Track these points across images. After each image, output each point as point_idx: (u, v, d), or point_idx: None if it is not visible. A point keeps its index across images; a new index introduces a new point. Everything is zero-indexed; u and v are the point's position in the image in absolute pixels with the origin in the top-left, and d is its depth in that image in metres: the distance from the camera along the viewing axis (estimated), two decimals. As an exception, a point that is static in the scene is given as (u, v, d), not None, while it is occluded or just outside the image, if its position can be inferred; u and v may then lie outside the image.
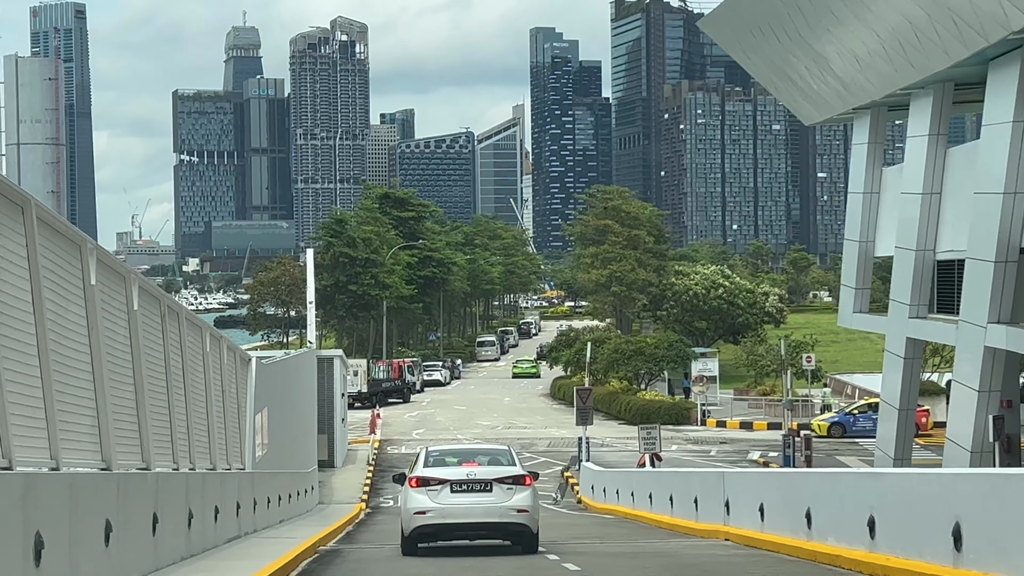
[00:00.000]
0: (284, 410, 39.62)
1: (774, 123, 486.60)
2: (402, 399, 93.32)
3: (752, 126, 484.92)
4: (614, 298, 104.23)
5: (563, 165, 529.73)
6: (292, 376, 42.95)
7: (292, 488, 38.69)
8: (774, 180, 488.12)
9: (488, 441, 66.45)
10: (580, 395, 55.75)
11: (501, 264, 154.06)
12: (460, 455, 23.83)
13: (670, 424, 72.93)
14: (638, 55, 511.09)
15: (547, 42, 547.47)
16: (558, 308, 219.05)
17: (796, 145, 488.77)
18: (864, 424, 65.36)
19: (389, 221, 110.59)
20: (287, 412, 40.45)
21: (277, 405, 37.30)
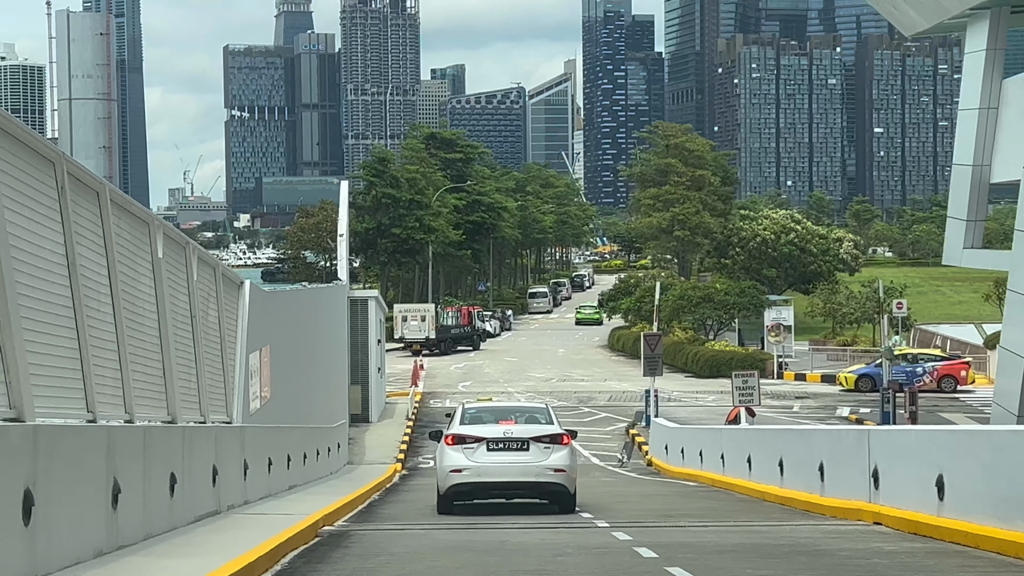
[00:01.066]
0: (298, 352, 32.54)
1: (830, 77, 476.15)
2: (472, 347, 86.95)
3: (807, 80, 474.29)
4: (677, 243, 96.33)
5: (615, 120, 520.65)
6: (310, 313, 35.89)
7: (308, 446, 31.69)
8: (829, 135, 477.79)
9: (541, 395, 59.63)
10: (648, 341, 48.44)
11: (553, 213, 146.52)
12: (497, 413, 23.44)
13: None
14: (692, 8, 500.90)
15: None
16: (611, 262, 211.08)
17: (852, 100, 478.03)
18: (896, 377, 58.08)
19: (436, 163, 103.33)
20: (302, 355, 33.39)
21: (286, 345, 30.22)
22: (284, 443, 27.16)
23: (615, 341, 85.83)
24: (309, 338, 35.45)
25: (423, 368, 72.40)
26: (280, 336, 29.17)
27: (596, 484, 33.71)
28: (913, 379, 59.78)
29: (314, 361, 36.26)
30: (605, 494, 27.88)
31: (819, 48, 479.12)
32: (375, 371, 52.26)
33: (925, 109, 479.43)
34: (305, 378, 34.38)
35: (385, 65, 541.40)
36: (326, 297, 41.38)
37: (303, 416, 33.55)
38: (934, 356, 62.09)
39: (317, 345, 37.28)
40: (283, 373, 29.79)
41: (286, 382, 30.33)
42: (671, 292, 73.89)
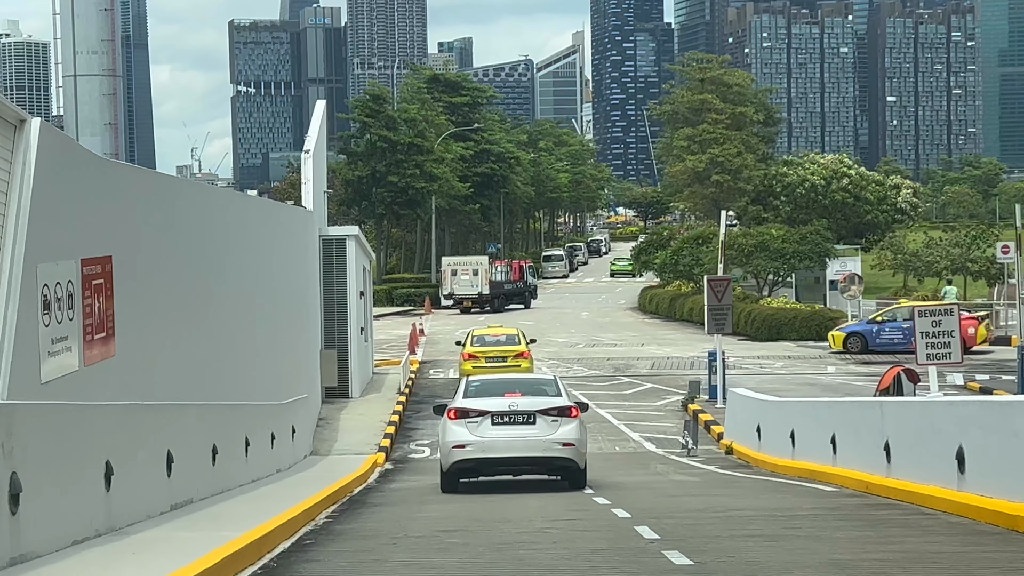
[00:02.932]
0: (203, 286, 20.25)
1: (842, 46, 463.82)
2: (523, 304, 77.93)
3: (819, 49, 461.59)
4: (716, 190, 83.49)
5: (624, 92, 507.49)
6: (237, 231, 23.54)
7: (222, 436, 19.46)
8: (841, 104, 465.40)
9: (567, 363, 47.66)
10: (714, 287, 35.88)
11: (568, 172, 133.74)
12: (503, 385, 21.74)
13: (810, 339, 53.23)
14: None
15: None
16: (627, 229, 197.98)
17: (864, 68, 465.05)
18: (891, 335, 48.07)
19: (439, 107, 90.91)
20: (214, 293, 21.13)
21: (172, 269, 17.93)
22: (146, 434, 14.75)
23: (647, 302, 73.37)
24: (234, 270, 23.13)
25: (423, 333, 60.21)
26: (154, 249, 16.83)
27: (667, 487, 21.69)
28: (910, 338, 48.15)
29: (243, 307, 23.94)
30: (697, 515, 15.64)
31: (830, 16, 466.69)
32: (356, 333, 39.88)
33: (939, 77, 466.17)
34: (222, 330, 22.08)
35: (392, 39, 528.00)
36: (276, 219, 28.94)
37: (216, 387, 21.24)
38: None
39: (251, 284, 24.99)
40: (163, 315, 17.47)
41: (170, 331, 18.02)
42: (716, 242, 61.26)
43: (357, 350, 40.03)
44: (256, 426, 23.10)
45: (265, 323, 26.33)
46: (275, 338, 27.81)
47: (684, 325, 63.49)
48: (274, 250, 28.21)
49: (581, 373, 45.55)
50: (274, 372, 27.64)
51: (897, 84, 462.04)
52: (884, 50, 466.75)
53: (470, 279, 75.31)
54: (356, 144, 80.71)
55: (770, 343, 53.21)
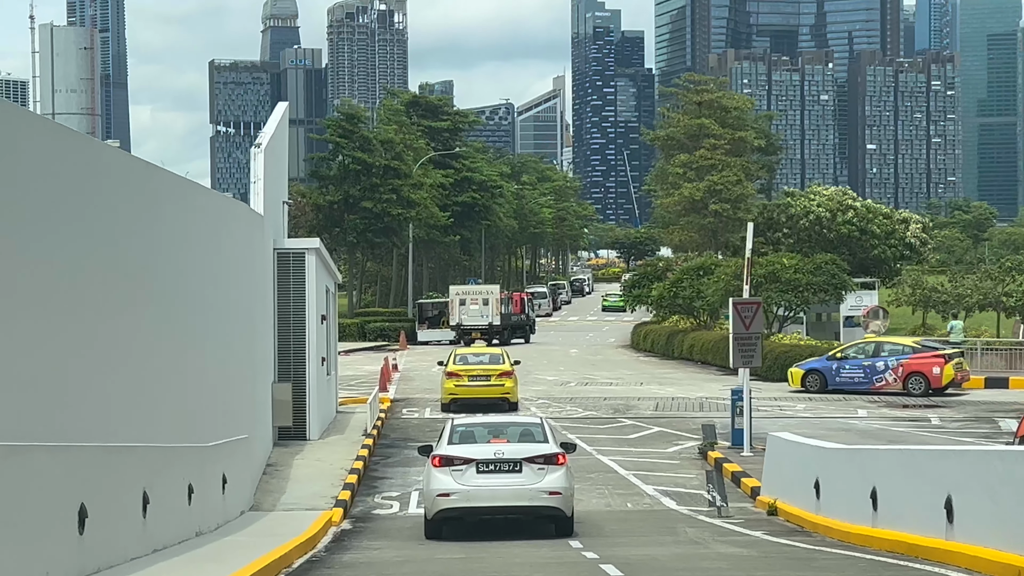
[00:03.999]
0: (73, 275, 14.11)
1: (822, 93, 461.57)
2: (524, 338, 73.80)
3: (799, 96, 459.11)
4: (714, 220, 77.35)
5: (604, 137, 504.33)
6: (140, 211, 17.41)
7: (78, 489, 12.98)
8: (821, 152, 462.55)
9: (559, 403, 41.57)
10: (740, 312, 29.76)
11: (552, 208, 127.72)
12: (489, 429, 21.18)
13: (829, 379, 47.14)
14: (682, 24, 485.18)
15: (589, 11, 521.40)
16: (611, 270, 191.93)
17: (844, 116, 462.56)
18: (852, 374, 44.40)
19: (419, 131, 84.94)
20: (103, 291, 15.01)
21: None
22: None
23: (640, 339, 67.24)
24: (128, 263, 16.94)
25: (397, 368, 54.06)
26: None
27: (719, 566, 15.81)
28: (873, 377, 44.01)
29: (144, 318, 17.73)
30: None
31: (811, 64, 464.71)
32: (316, 363, 33.63)
33: (918, 126, 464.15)
34: (108, 344, 15.87)
35: (372, 80, 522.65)
36: (206, 210, 22.65)
37: (91, 421, 15.05)
38: (901, 346, 45.05)
39: (163, 289, 18.81)
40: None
41: (14, 337, 11.88)
42: (719, 272, 55.37)
43: (317, 384, 33.76)
44: (161, 475, 16.90)
45: (183, 341, 20.11)
46: (201, 363, 21.59)
47: (684, 363, 57.53)
48: (201, 249, 22.04)
49: (576, 414, 39.46)
50: (198, 405, 21.40)
51: (877, 132, 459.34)
52: (864, 98, 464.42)
53: (480, 309, 70.85)
54: (328, 167, 74.65)
55: (782, 383, 47.20)
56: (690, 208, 78.75)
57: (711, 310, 58.19)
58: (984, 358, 47.69)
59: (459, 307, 71.42)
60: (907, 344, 45.72)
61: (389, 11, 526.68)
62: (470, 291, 74.25)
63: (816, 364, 45.66)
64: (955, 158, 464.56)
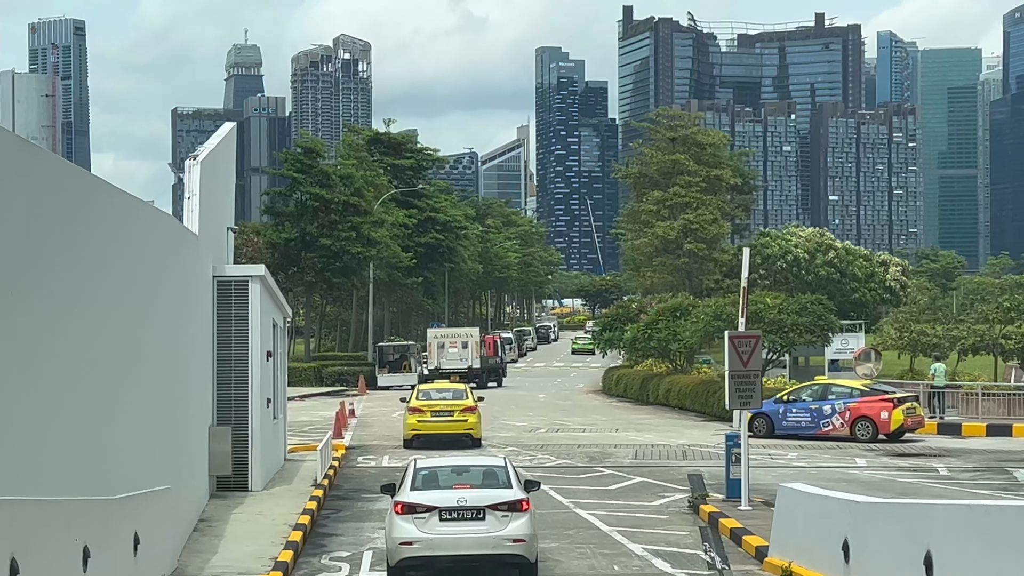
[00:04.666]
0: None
1: (785, 144, 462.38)
2: (497, 382, 71.69)
3: (763, 147, 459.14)
4: (689, 261, 73.79)
5: (568, 186, 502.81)
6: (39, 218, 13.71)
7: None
8: (784, 202, 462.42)
9: (529, 450, 38.00)
10: (737, 347, 26.20)
11: (518, 252, 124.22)
12: (452, 473, 20.68)
13: (820, 426, 43.70)
14: (645, 75, 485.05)
15: (553, 62, 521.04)
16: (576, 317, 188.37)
17: (807, 167, 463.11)
18: (798, 418, 41.61)
19: (382, 168, 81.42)
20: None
21: None
22: None
23: (612, 383, 63.65)
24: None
25: (354, 414, 50.35)
26: None
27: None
28: (820, 421, 41.22)
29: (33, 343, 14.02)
30: None
31: (774, 115, 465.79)
32: (261, 405, 29.90)
33: (880, 177, 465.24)
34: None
35: (336, 129, 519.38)
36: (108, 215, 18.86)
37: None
38: (849, 389, 41.88)
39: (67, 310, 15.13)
40: None
41: None
42: (697, 313, 51.89)
43: (262, 428, 30.00)
44: (43, 535, 13.15)
45: (74, 377, 16.37)
46: (101, 402, 17.85)
47: (660, 409, 53.96)
48: (106, 265, 18.35)
49: (548, 463, 35.82)
50: (99, 452, 17.66)
51: (840, 183, 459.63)
52: (826, 149, 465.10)
53: (459, 352, 69.14)
54: (285, 203, 70.94)
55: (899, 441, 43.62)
56: (663, 248, 75.23)
57: (688, 353, 54.67)
58: (983, 404, 44.31)
59: (437, 350, 69.45)
60: (855, 387, 42.53)
61: (353, 60, 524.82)
62: (448, 334, 72.44)
63: (763, 407, 41.91)
64: (917, 209, 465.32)
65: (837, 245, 72.06)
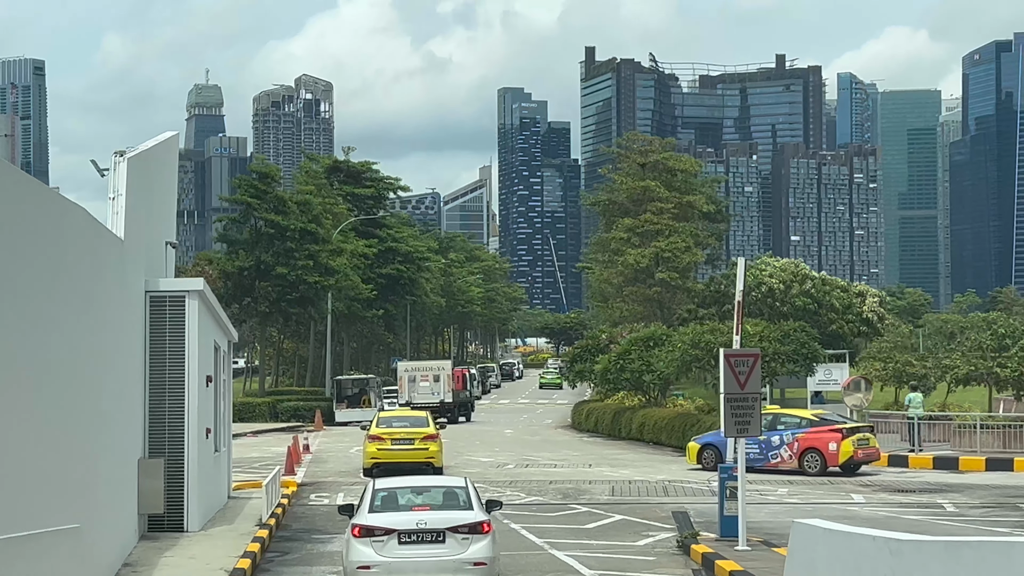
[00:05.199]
0: None
1: (746, 185, 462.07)
2: (466, 416, 70.06)
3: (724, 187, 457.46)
4: (661, 290, 70.75)
5: (530, 227, 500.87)
6: None
7: None
8: (746, 243, 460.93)
9: (498, 486, 34.96)
10: (733, 365, 23.08)
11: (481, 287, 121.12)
12: (412, 495, 19.82)
13: (808, 460, 40.69)
14: (608, 116, 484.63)
15: (515, 103, 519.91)
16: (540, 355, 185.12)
17: (768, 207, 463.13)
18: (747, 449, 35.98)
19: (340, 196, 78.26)
20: None
21: None
22: None
23: (582, 418, 60.47)
24: None
25: (308, 450, 47.04)
26: None
27: None
28: (768, 453, 38.59)
29: None
30: None
31: (735, 156, 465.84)
32: (199, 436, 26.64)
33: (841, 218, 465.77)
34: None
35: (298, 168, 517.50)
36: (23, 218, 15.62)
37: None
38: (798, 419, 39.29)
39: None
40: None
41: None
42: (673, 342, 48.89)
43: (200, 461, 26.71)
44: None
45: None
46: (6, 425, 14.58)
47: (634, 444, 50.76)
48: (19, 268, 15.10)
49: (518, 500, 32.67)
50: None
51: (801, 224, 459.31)
52: (788, 190, 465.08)
53: (431, 386, 67.08)
54: (239, 230, 67.52)
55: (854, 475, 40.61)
56: (634, 277, 72.13)
57: (663, 385, 51.58)
58: (981, 436, 41.39)
59: (408, 384, 67.31)
60: (804, 416, 39.84)
61: (315, 100, 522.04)
62: (420, 367, 70.40)
63: (712, 438, 39.88)
64: (878, 250, 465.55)
65: (814, 275, 69.45)
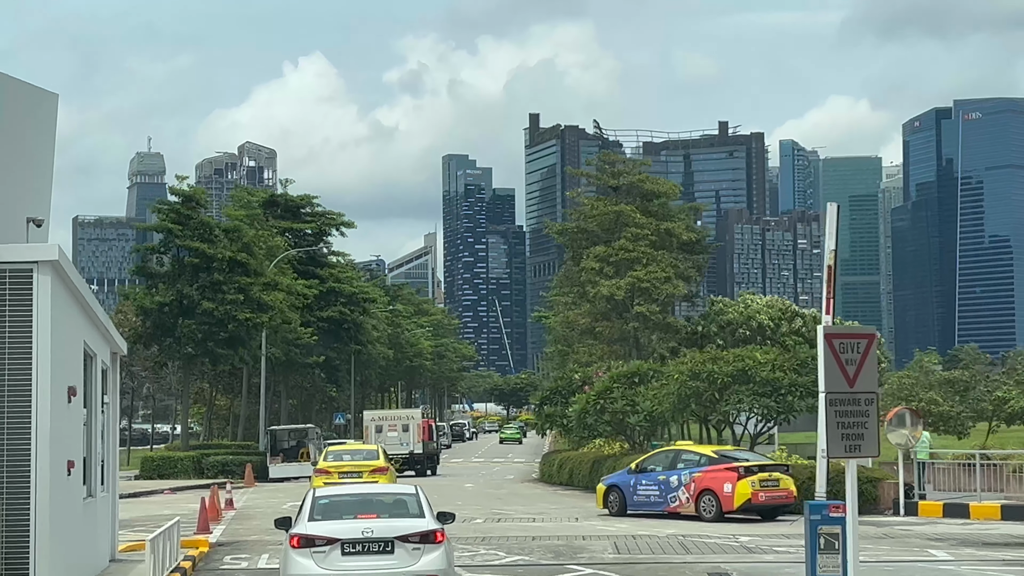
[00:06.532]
0: None
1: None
2: (432, 469, 65.33)
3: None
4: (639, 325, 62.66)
5: (476, 294, 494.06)
6: None
7: None
8: (692, 308, 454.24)
9: (468, 543, 26.73)
10: (835, 348, 15.48)
11: (431, 341, 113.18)
12: (356, 503, 17.89)
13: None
14: (552, 182, 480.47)
15: (460, 170, 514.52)
16: (490, 417, 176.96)
17: (713, 273, 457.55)
18: (648, 491, 33.83)
19: (277, 231, 70.14)
20: None
21: None
22: None
23: (554, 470, 52.08)
24: None
25: (232, 505, 38.77)
26: None
27: None
28: (668, 495, 33.28)
29: None
30: None
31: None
32: (52, 469, 18.39)
33: (786, 283, 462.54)
34: None
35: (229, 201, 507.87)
36: None
37: None
38: (698, 456, 33.89)
39: None
40: None
41: None
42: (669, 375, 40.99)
43: (55, 506, 18.48)
44: None
45: None
46: None
47: (620, 497, 42.72)
48: None
49: (498, 559, 24.64)
50: None
51: (746, 288, 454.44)
52: (732, 255, 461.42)
53: (399, 436, 63.24)
54: (159, 262, 59.12)
55: (761, 521, 32.76)
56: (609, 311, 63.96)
57: (650, 428, 43.58)
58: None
59: (375, 434, 62.48)
60: (704, 454, 33.76)
61: (259, 167, 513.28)
62: (387, 416, 66.67)
63: (616, 479, 35.28)
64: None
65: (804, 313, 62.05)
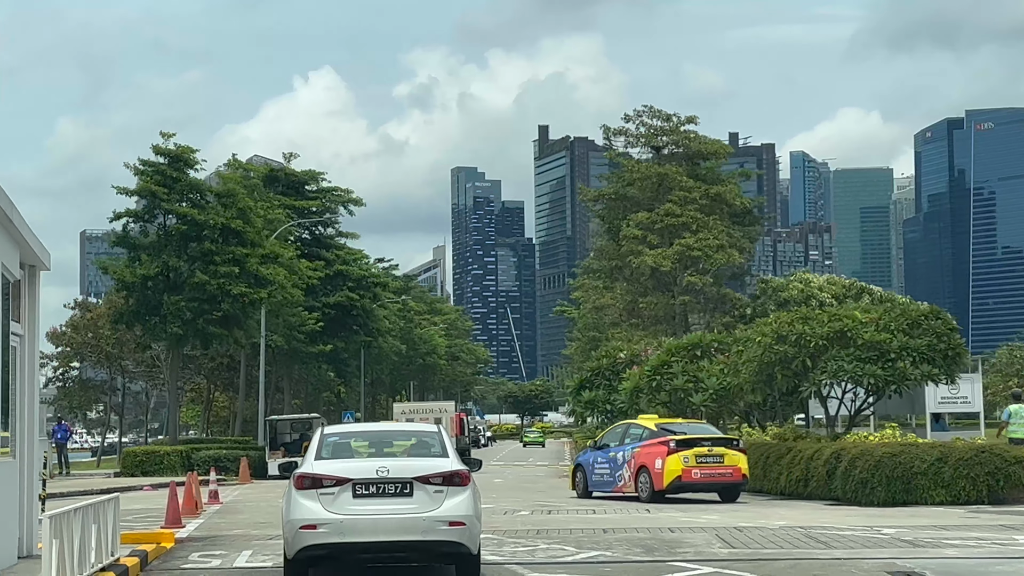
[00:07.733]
0: None
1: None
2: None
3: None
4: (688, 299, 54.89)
5: (485, 306, 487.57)
6: None
7: None
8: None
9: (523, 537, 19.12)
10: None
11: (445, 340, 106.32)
12: (372, 439, 15.06)
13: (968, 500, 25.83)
14: (562, 194, 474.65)
15: (470, 182, 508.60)
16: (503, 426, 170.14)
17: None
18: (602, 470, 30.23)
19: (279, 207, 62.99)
20: None
21: None
22: None
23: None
24: None
25: (218, 497, 31.72)
26: None
27: None
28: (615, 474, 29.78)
29: None
30: None
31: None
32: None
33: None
34: None
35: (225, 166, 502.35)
36: None
37: None
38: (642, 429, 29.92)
39: None
40: None
41: None
42: (748, 338, 33.83)
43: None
44: None
45: None
46: None
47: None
48: None
49: (566, 555, 17.48)
50: None
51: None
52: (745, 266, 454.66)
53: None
54: (143, 230, 51.84)
55: (904, 507, 25.53)
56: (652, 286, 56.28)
57: (717, 409, 36.36)
58: None
59: None
60: (647, 427, 30.03)
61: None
62: (419, 408, 63.46)
63: (581, 457, 32.15)
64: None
65: (872, 289, 54.84)
